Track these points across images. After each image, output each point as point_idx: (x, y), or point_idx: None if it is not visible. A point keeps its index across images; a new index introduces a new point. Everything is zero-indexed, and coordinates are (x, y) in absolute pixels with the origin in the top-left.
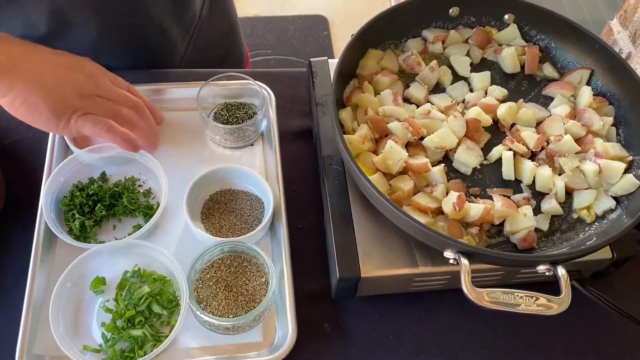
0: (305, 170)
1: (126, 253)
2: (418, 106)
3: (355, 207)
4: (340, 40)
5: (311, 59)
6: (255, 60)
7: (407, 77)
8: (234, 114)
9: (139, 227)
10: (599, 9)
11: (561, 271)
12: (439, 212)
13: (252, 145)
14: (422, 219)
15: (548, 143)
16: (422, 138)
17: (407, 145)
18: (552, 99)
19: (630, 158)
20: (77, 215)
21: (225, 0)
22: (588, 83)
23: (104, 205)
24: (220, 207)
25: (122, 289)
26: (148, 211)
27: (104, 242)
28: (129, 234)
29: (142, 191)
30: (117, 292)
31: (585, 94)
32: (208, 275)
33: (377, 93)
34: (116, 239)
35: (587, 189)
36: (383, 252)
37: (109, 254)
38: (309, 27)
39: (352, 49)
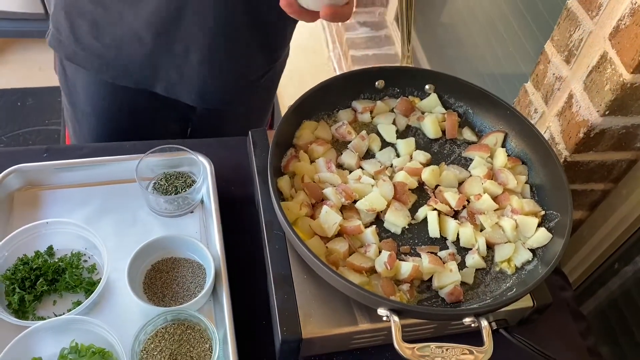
0: (247, 235)
1: (65, 330)
2: (351, 172)
3: (295, 270)
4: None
5: (250, 130)
6: None
7: (339, 145)
8: (172, 184)
9: (78, 303)
10: (520, 67)
11: (483, 323)
12: (373, 271)
13: (192, 212)
14: (357, 278)
15: (469, 202)
16: (355, 201)
17: (342, 209)
18: (472, 160)
19: (543, 212)
20: (17, 290)
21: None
22: (503, 145)
23: (46, 280)
24: (163, 276)
25: None
26: (90, 287)
27: (42, 317)
28: (69, 310)
29: (86, 267)
30: None
31: (501, 156)
32: (152, 345)
33: (312, 161)
34: (55, 315)
35: (506, 242)
36: (324, 312)
37: (47, 332)
38: None
39: (288, 121)
